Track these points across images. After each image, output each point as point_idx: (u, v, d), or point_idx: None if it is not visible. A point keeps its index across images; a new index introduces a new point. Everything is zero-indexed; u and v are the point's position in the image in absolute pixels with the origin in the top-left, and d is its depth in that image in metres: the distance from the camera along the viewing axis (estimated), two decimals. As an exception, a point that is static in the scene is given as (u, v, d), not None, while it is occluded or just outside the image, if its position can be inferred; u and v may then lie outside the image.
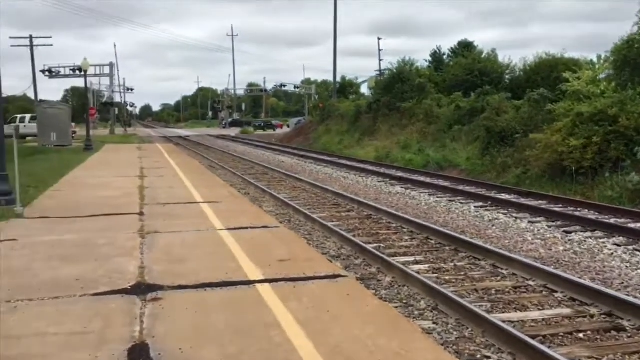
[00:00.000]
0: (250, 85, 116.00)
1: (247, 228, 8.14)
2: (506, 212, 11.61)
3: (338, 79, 52.33)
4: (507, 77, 33.50)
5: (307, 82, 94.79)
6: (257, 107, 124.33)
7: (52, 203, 10.61)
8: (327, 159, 25.79)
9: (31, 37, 52.70)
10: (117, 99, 72.61)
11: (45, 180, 14.17)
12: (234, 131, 67.95)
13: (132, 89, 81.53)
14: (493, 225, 10.44)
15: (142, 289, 5.16)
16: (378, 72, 62.48)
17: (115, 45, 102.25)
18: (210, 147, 36.00)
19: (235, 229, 8.05)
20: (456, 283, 6.81)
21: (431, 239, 9.04)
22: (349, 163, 23.37)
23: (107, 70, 60.17)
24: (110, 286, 5.24)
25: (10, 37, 61.78)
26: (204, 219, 8.95)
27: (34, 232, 7.83)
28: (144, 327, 4.24)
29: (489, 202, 12.76)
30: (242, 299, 4.94)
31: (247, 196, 13.60)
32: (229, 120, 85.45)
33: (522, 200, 12.78)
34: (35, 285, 5.23)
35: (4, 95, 13.05)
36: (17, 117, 44.46)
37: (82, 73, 32.26)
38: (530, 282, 6.73)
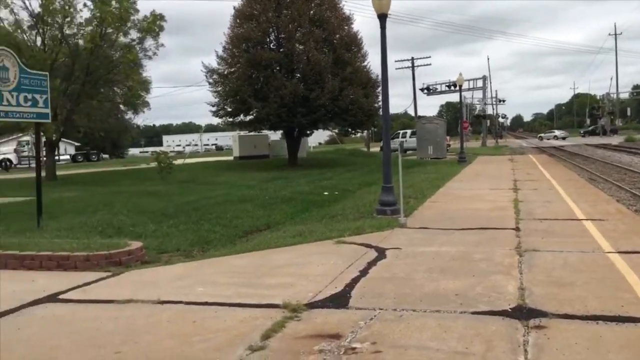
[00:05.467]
0: (636, 87, 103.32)
1: (643, 253, 6.97)
2: None
3: None
4: None
5: None
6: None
7: (430, 214, 11.12)
8: None
9: (412, 59, 57.77)
10: (489, 111, 73.67)
11: (423, 191, 15.05)
12: (616, 139, 61.44)
13: (503, 100, 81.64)
14: None
15: (523, 313, 4.80)
16: None
17: (488, 58, 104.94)
18: (588, 158, 33.13)
19: (627, 252, 6.99)
20: None
21: None
22: None
23: (479, 83, 61.70)
24: (489, 305, 5.03)
25: (395, 61, 68.84)
26: (587, 238, 8.07)
27: (415, 242, 8.26)
28: (529, 358, 3.87)
29: None
30: (645, 341, 4.12)
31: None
32: (610, 127, 77.82)
33: None
34: (417, 296, 5.40)
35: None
36: (399, 133, 49.21)
37: (457, 88, 33.62)
38: None
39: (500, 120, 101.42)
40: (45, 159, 28.07)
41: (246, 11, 30.06)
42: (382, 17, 10.98)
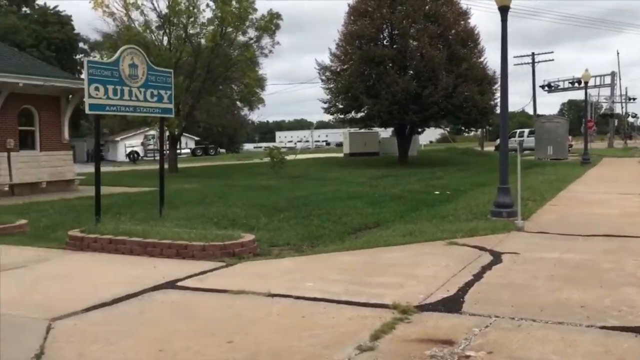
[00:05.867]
0: None
1: None
2: None
3: None
4: None
5: None
6: None
7: (550, 218, 10.47)
8: None
9: (533, 55, 54.97)
10: (617, 109, 68.47)
11: (542, 194, 14.22)
12: None
13: (634, 99, 75.47)
14: None
15: (661, 332, 4.33)
16: None
17: (618, 53, 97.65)
18: None
19: None
20: None
21: None
22: None
23: (607, 80, 57.55)
24: (619, 320, 4.60)
25: (514, 57, 65.77)
26: None
27: (533, 247, 7.78)
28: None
29: None
30: None
31: None
32: None
33: None
34: (537, 305, 5.04)
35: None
36: (516, 132, 47.04)
37: (581, 85, 31.57)
38: None
39: (630, 119, 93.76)
40: (168, 152, 29.83)
41: (360, 8, 30.08)
42: (504, 10, 10.46)
